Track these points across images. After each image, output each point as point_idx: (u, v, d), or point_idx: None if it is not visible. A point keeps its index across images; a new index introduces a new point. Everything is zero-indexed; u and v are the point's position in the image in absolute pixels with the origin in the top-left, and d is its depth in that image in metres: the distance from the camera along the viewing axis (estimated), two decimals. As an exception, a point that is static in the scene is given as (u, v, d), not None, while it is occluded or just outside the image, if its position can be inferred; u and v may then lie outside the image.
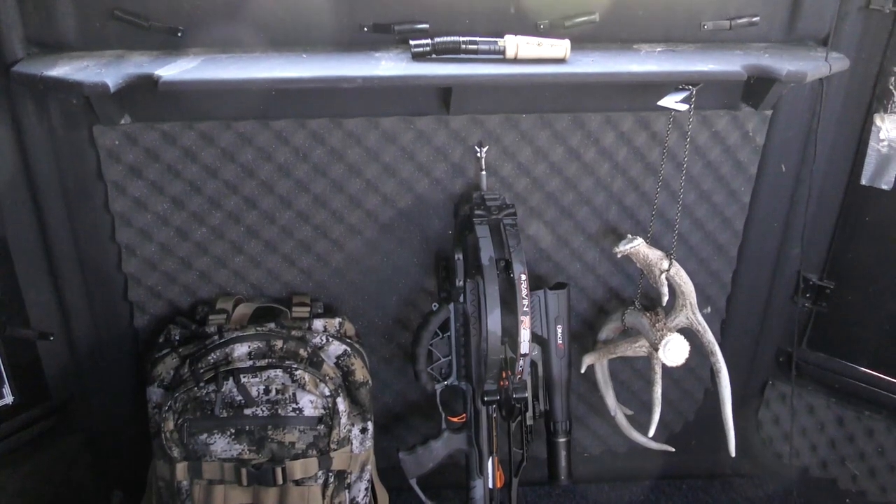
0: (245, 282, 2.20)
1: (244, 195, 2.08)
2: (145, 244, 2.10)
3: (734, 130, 2.19)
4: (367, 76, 1.78)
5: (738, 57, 1.99)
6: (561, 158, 2.16)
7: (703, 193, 2.27)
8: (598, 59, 1.93)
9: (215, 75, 1.76)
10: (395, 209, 2.16)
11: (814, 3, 2.06)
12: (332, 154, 2.06)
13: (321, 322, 2.10)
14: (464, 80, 1.85)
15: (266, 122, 1.99)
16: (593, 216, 2.26)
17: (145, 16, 1.86)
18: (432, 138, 2.07)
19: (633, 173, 2.21)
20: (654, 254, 2.08)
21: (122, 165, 1.99)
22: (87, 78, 1.71)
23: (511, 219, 1.99)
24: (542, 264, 2.31)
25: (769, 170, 2.27)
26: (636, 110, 2.12)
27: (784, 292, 2.46)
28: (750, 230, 2.35)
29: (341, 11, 1.93)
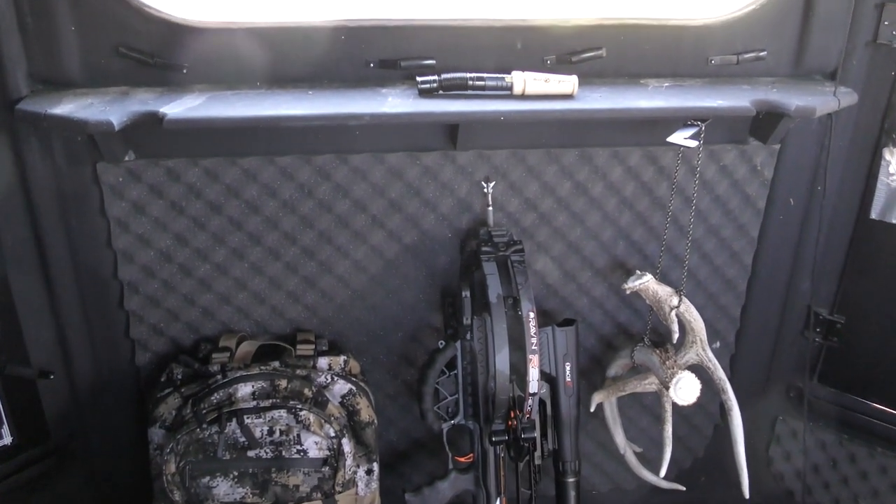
0: (249, 318, 2.17)
1: (249, 231, 2.06)
2: (148, 281, 2.07)
3: (742, 164, 2.18)
4: (374, 113, 1.77)
5: (746, 92, 1.98)
6: (568, 193, 2.14)
7: (711, 228, 2.25)
8: (606, 94, 1.92)
9: (220, 113, 1.75)
10: (400, 245, 2.14)
11: (821, 38, 2.06)
12: (337, 190, 2.04)
13: (326, 360, 2.07)
14: (471, 118, 1.84)
15: (271, 158, 1.98)
16: (601, 251, 2.24)
17: (150, 52, 1.85)
18: (439, 174, 2.06)
19: (640, 208, 2.19)
20: (663, 290, 2.06)
21: (126, 202, 1.97)
22: (91, 116, 1.69)
23: (518, 255, 1.97)
24: (549, 300, 2.28)
25: (778, 204, 2.25)
26: (644, 145, 2.10)
27: (794, 327, 2.43)
28: (759, 264, 2.33)
29: (347, 47, 1.92)
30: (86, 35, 1.82)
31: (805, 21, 2.05)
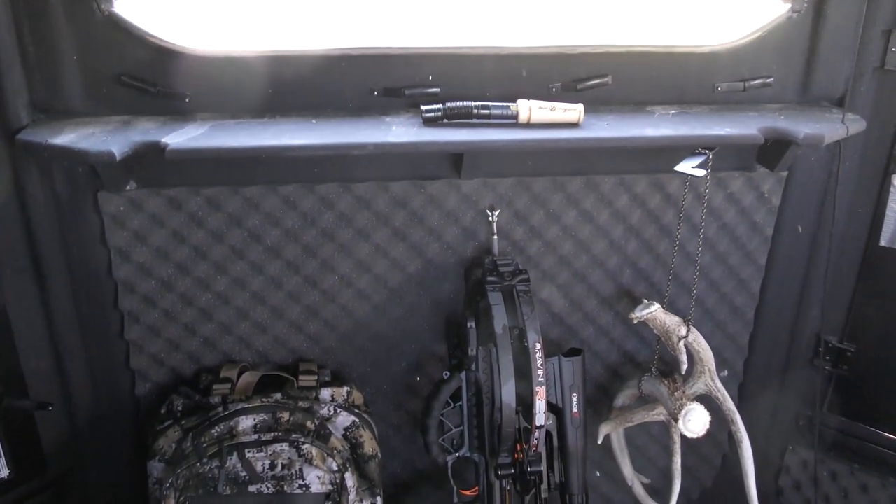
0: (251, 348, 2.14)
1: (251, 260, 2.03)
2: (149, 311, 2.05)
3: (749, 191, 2.15)
4: (378, 143, 1.75)
5: (753, 119, 1.97)
6: (574, 221, 2.12)
7: (718, 255, 2.22)
8: (613, 122, 1.90)
9: (223, 143, 1.73)
10: (404, 274, 2.11)
11: (828, 65, 2.05)
12: (340, 219, 2.02)
13: (329, 391, 2.04)
14: (476, 147, 1.82)
15: (274, 186, 1.96)
16: (607, 279, 2.21)
17: (152, 81, 1.84)
18: (443, 202, 2.04)
19: (647, 235, 2.17)
20: (671, 320, 2.02)
21: (127, 231, 1.95)
22: (92, 146, 1.67)
23: (524, 285, 1.95)
24: (555, 328, 2.25)
25: (785, 231, 2.22)
26: (650, 172, 2.08)
27: (803, 355, 2.40)
28: (767, 292, 2.30)
29: (351, 76, 1.91)
30: (88, 64, 1.80)
31: (812, 47, 2.04)
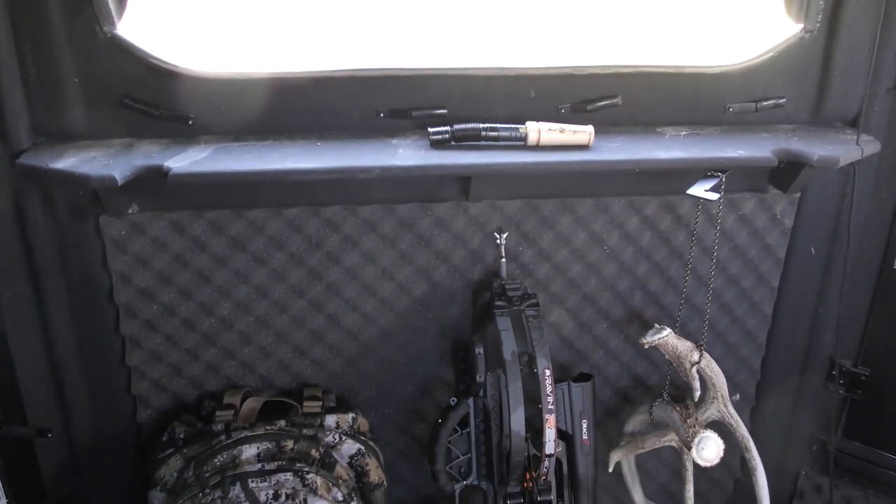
0: (254, 373, 2.11)
1: (255, 284, 2.00)
2: (151, 336, 2.01)
3: (762, 213, 2.12)
4: (384, 166, 1.72)
5: (766, 141, 1.93)
6: (583, 244, 2.08)
7: (730, 277, 2.18)
8: (623, 144, 1.87)
9: (227, 167, 1.70)
10: (411, 297, 2.07)
11: (841, 85, 2.02)
12: (346, 242, 1.98)
13: (334, 418, 1.99)
14: (485, 170, 1.79)
15: (278, 210, 1.92)
16: (617, 302, 2.17)
17: (155, 104, 1.81)
18: (450, 225, 2.00)
19: (657, 258, 2.13)
20: (683, 345, 1.98)
21: (129, 256, 1.91)
22: (93, 171, 1.65)
23: (533, 310, 1.91)
24: (564, 352, 2.21)
25: (798, 253, 2.19)
26: (660, 194, 2.05)
27: (816, 379, 2.36)
28: (779, 315, 2.26)
29: (357, 97, 1.88)
30: (90, 86, 1.78)
31: (825, 68, 2.01)
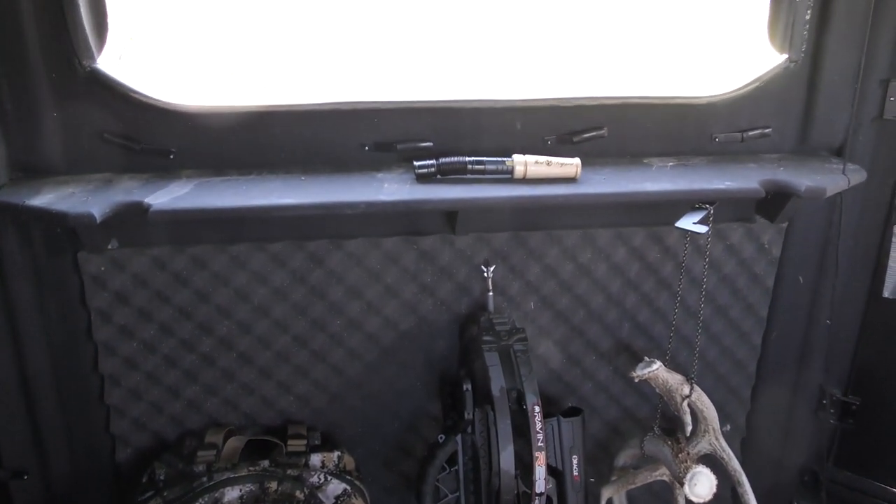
0: (237, 410, 2.06)
1: (237, 320, 1.96)
2: (130, 373, 1.96)
3: (749, 243, 2.11)
4: (370, 201, 1.69)
5: (753, 171, 1.93)
6: (570, 276, 2.06)
7: (719, 308, 2.17)
8: (610, 176, 1.86)
9: (209, 203, 1.66)
10: (397, 331, 2.04)
11: (826, 114, 2.02)
12: (331, 276, 1.95)
13: (319, 457, 1.95)
14: (472, 205, 1.77)
15: (262, 244, 1.89)
16: (605, 334, 2.15)
17: (136, 138, 1.78)
18: (437, 258, 1.97)
19: (645, 289, 2.11)
20: (673, 379, 1.96)
21: (108, 292, 1.87)
22: (71, 208, 1.61)
23: (521, 344, 1.88)
24: (552, 385, 2.18)
25: (786, 282, 2.18)
26: (648, 225, 2.03)
27: (807, 408, 2.34)
28: (769, 344, 2.25)
29: (341, 130, 1.85)
30: (68, 121, 1.75)
31: (810, 97, 2.01)
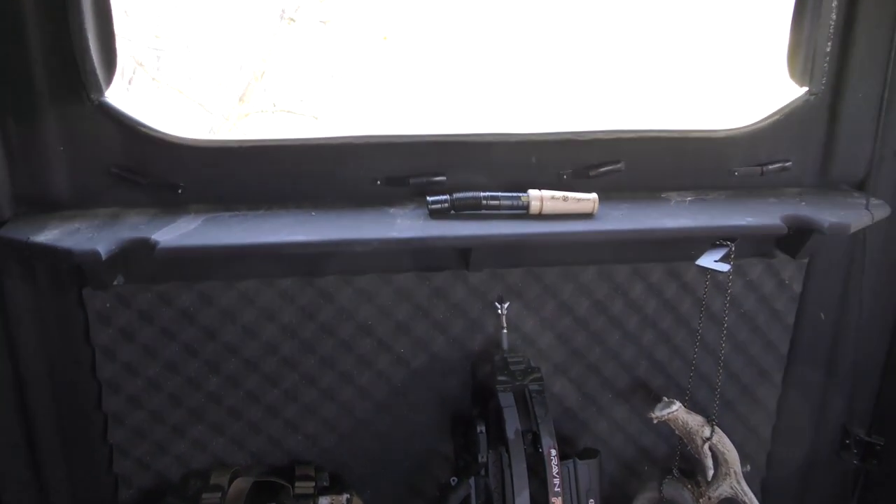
0: (243, 450, 2.00)
1: (245, 357, 1.91)
2: (134, 412, 1.91)
3: (769, 279, 2.06)
4: (382, 238, 1.65)
5: (773, 206, 1.88)
6: (586, 312, 2.01)
7: (738, 345, 2.11)
8: (628, 212, 1.81)
9: (217, 240, 1.63)
10: (408, 369, 1.99)
11: (847, 147, 1.98)
12: (341, 312, 1.90)
13: (327, 500, 1.90)
14: (486, 242, 1.72)
15: (271, 280, 1.85)
16: (622, 372, 2.09)
17: (143, 172, 1.75)
18: (449, 294, 1.93)
19: (663, 326, 2.06)
20: (694, 420, 1.90)
21: (113, 329, 1.83)
22: (77, 245, 1.57)
23: (537, 384, 1.83)
24: (567, 424, 2.12)
25: (808, 319, 2.12)
26: (665, 261, 1.98)
27: (829, 448, 2.27)
28: (789, 382, 2.18)
29: (352, 164, 1.82)
30: (75, 155, 1.72)
31: (831, 130, 1.97)
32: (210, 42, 6.14)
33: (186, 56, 7.14)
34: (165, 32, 6.17)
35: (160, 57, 7.53)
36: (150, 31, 6.28)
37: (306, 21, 4.94)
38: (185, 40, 6.63)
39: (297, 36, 5.04)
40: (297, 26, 4.93)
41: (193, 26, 6.20)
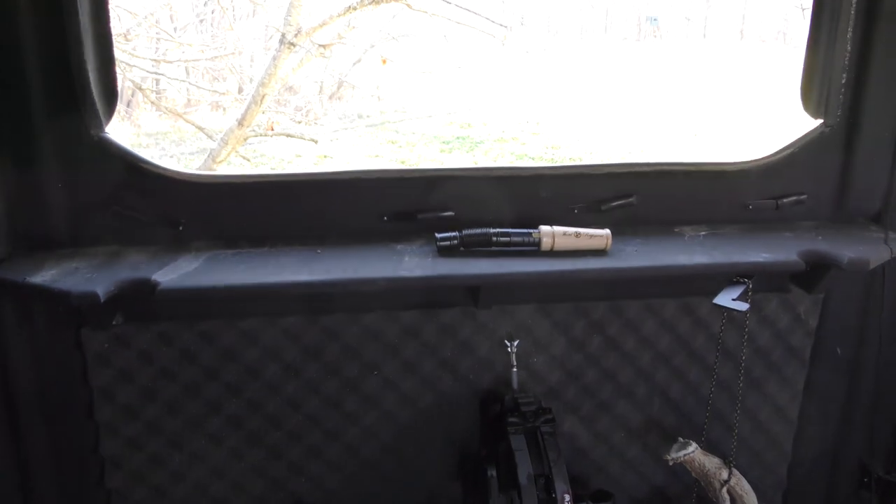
0: (245, 493, 1.94)
1: (247, 398, 1.85)
2: (133, 455, 1.85)
3: (785, 314, 2.01)
4: (390, 278, 1.60)
5: (789, 241, 1.84)
6: (598, 349, 1.95)
7: (753, 381, 2.06)
8: (642, 248, 1.77)
9: (219, 281, 1.58)
10: (415, 409, 1.93)
11: (863, 180, 1.94)
12: (346, 351, 1.85)
13: (332, 546, 1.83)
14: (497, 280, 1.67)
15: (274, 319, 1.79)
16: (634, 410, 2.03)
17: (143, 209, 1.70)
18: (458, 332, 1.87)
19: (676, 362, 2.00)
20: (711, 462, 1.85)
21: (111, 370, 1.77)
22: (74, 286, 1.52)
23: (549, 426, 1.78)
24: (578, 463, 2.06)
25: (824, 354, 2.07)
26: (678, 296, 1.93)
27: (847, 486, 2.21)
28: (805, 419, 2.13)
29: (359, 200, 1.78)
30: (75, 192, 1.68)
31: (846, 163, 1.93)
32: (209, 67, 6.13)
33: (186, 80, 7.15)
34: (165, 57, 6.17)
35: (159, 80, 7.54)
36: (149, 55, 6.28)
37: (306, 46, 4.93)
38: (184, 65, 6.63)
39: (296, 60, 5.03)
40: (297, 51, 4.92)
41: (193, 51, 6.19)
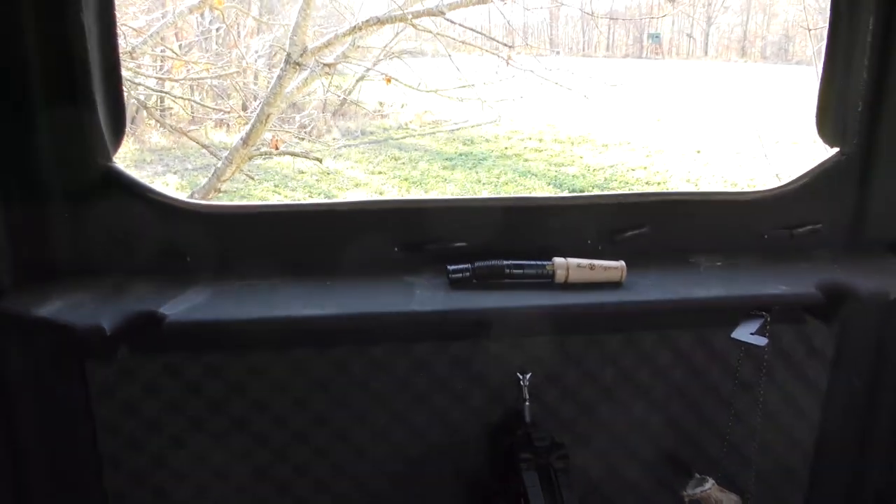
0: None
1: (254, 432, 1.82)
2: (137, 490, 1.81)
3: (800, 345, 1.97)
4: (400, 312, 1.58)
5: (807, 272, 1.81)
6: (611, 381, 1.92)
7: (769, 413, 2.02)
8: (657, 280, 1.74)
9: (228, 314, 1.55)
10: (425, 443, 1.89)
11: (880, 208, 1.91)
12: (354, 384, 1.81)
13: (340, 584, 1.79)
14: (510, 314, 1.64)
15: (281, 351, 1.76)
16: (648, 443, 2.00)
17: (150, 240, 1.67)
18: (469, 364, 1.84)
19: (691, 395, 1.97)
20: (728, 499, 1.81)
21: (116, 402, 1.74)
22: (80, 320, 1.49)
23: (562, 462, 1.74)
24: (591, 498, 2.02)
25: (840, 385, 2.03)
26: (693, 327, 1.90)
27: None
28: (822, 451, 2.09)
29: (368, 231, 1.75)
30: (80, 221, 1.65)
31: (862, 192, 1.91)
32: (214, 84, 6.12)
33: (191, 98, 7.16)
34: (170, 74, 6.18)
35: (164, 98, 7.55)
36: (154, 72, 6.29)
37: (311, 65, 4.93)
38: (189, 83, 6.64)
39: (301, 79, 5.02)
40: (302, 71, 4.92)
41: (197, 69, 6.19)
